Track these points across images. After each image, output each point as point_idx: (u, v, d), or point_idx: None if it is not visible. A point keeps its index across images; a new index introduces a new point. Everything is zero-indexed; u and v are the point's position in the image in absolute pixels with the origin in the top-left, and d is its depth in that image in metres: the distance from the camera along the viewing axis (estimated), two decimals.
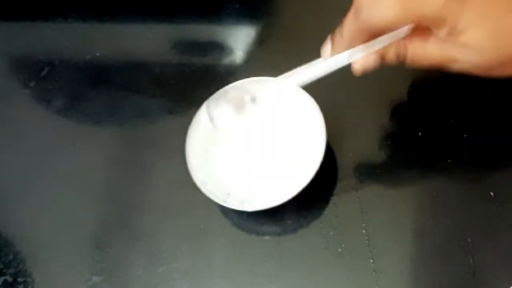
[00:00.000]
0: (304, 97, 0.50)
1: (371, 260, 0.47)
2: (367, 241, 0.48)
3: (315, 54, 0.57)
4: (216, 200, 0.48)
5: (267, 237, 0.51)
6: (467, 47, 0.41)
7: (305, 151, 0.50)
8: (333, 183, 0.51)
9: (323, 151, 0.47)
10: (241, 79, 0.53)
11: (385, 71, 0.55)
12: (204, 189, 0.49)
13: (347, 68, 0.57)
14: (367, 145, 0.53)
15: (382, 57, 0.45)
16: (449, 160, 0.50)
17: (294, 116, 0.52)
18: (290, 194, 0.47)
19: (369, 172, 0.51)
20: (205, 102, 0.51)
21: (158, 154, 0.56)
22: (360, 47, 0.45)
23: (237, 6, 0.64)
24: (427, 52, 0.44)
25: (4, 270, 0.53)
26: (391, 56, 0.45)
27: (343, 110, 0.54)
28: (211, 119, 0.51)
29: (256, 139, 0.52)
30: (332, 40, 0.46)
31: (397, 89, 0.54)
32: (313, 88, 0.51)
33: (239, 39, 0.62)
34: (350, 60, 0.46)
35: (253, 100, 0.52)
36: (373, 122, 0.54)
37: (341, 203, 0.50)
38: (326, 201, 0.51)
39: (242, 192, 0.50)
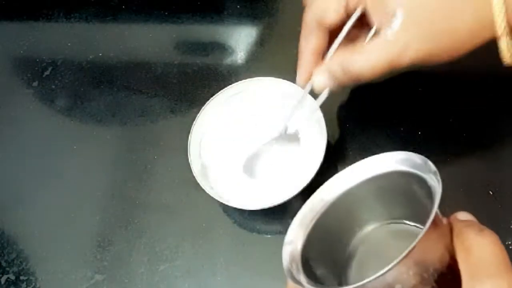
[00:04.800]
0: (305, 97, 0.51)
1: None
2: None
3: None
4: (218, 199, 0.48)
5: (268, 236, 0.51)
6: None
7: (306, 149, 0.51)
8: None
9: (324, 150, 0.48)
10: (243, 79, 0.54)
11: None
12: (205, 187, 0.49)
13: None
14: (367, 144, 0.53)
15: (332, 75, 0.45)
16: (448, 160, 0.51)
17: (295, 116, 0.52)
18: (291, 193, 0.47)
19: None
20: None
21: (160, 153, 0.56)
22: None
23: (239, 6, 0.64)
24: (372, 58, 0.43)
25: (7, 269, 0.53)
26: (339, 73, 0.44)
27: (343, 109, 0.55)
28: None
29: (257, 139, 0.52)
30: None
31: (397, 89, 0.55)
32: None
33: (241, 39, 0.62)
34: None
35: None
36: (373, 122, 0.54)
37: None
38: None
39: (243, 190, 0.50)
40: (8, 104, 0.63)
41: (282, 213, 0.51)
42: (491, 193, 0.48)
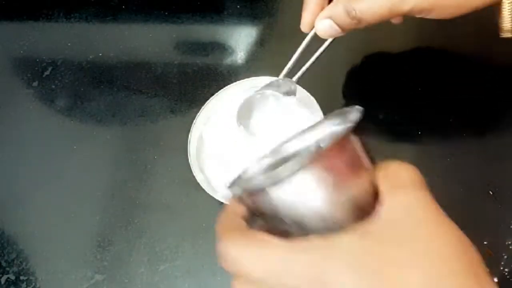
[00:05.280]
0: (305, 96, 0.51)
1: None
2: None
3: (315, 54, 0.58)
4: (218, 198, 0.48)
5: None
6: None
7: None
8: None
9: None
10: (243, 79, 0.54)
11: (386, 70, 0.56)
12: (205, 187, 0.49)
13: (347, 69, 0.57)
14: (367, 144, 0.53)
15: (336, 18, 0.46)
16: (448, 160, 0.51)
17: (295, 116, 0.52)
18: None
19: None
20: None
21: (160, 153, 0.56)
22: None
23: (239, 6, 0.64)
24: (375, 3, 0.44)
25: (7, 268, 0.53)
26: (342, 15, 0.45)
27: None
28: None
29: (257, 138, 0.52)
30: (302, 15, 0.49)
31: (397, 89, 0.55)
32: (313, 88, 0.51)
33: (241, 39, 0.62)
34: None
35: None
36: (373, 122, 0.54)
37: None
38: None
39: None
40: (8, 104, 0.63)
41: None
42: (491, 193, 0.48)
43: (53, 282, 0.52)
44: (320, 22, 0.47)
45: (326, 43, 0.50)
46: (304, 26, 0.49)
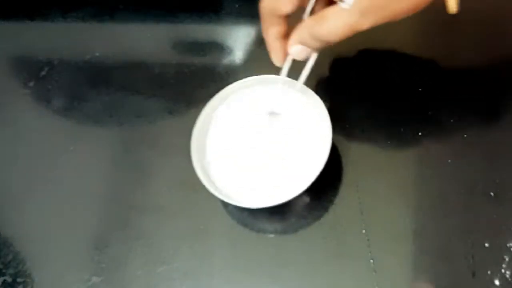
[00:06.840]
0: (310, 96, 0.50)
1: (371, 261, 0.47)
2: (367, 241, 0.48)
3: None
4: (218, 195, 0.48)
5: (267, 237, 0.51)
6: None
7: (310, 150, 0.50)
8: (334, 183, 0.51)
9: (328, 150, 0.47)
10: (241, 79, 0.53)
11: (387, 72, 0.56)
12: (208, 186, 0.48)
13: (346, 70, 0.57)
14: (368, 145, 0.53)
15: (304, 42, 0.47)
16: (449, 161, 0.50)
17: (300, 116, 0.52)
18: (293, 193, 0.47)
19: (369, 173, 0.51)
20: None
21: (157, 154, 0.56)
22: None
23: (237, 5, 0.64)
24: (334, 25, 0.45)
25: (4, 271, 0.53)
26: (310, 39, 0.46)
27: (344, 110, 0.54)
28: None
29: (261, 137, 0.52)
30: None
31: (397, 89, 0.54)
32: (316, 88, 0.51)
33: (239, 39, 0.62)
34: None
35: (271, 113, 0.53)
36: (373, 122, 0.54)
37: (342, 203, 0.50)
38: (327, 201, 0.50)
39: (245, 189, 0.50)
40: (4, 105, 0.63)
41: (282, 214, 0.51)
42: (492, 194, 0.48)
43: (50, 284, 0.52)
44: (293, 47, 0.48)
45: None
46: (277, 62, 0.50)
